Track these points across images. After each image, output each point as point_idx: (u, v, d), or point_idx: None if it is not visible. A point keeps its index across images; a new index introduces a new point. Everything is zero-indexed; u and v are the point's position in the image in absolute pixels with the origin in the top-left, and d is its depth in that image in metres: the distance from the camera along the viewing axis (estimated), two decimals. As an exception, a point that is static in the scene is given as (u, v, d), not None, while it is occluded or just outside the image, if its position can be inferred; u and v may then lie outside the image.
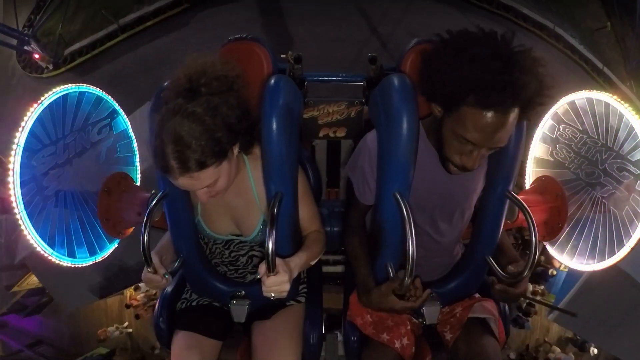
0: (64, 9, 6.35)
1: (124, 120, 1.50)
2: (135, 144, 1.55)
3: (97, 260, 1.38)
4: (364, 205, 1.30)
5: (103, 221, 1.32)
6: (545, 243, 1.45)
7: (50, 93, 1.22)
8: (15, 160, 1.13)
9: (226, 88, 1.07)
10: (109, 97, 1.43)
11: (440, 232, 1.29)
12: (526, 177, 1.55)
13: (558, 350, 6.18)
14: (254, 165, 1.20)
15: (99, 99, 1.40)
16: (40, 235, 1.20)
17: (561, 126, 1.44)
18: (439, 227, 1.28)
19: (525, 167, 1.54)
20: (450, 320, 1.31)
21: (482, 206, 1.26)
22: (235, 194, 1.22)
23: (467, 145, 1.03)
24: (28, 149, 1.16)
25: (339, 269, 1.93)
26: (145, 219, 1.11)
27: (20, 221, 1.15)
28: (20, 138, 1.14)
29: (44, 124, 1.21)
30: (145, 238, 1.08)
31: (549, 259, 5.88)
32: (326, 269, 1.84)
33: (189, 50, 1.07)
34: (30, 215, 1.17)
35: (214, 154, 1.01)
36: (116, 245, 1.44)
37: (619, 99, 1.26)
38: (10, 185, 1.13)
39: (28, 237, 1.18)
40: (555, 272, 5.89)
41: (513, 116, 0.99)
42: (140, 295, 6.28)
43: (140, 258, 1.07)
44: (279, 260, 1.04)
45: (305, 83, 1.47)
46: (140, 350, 6.54)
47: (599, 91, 1.32)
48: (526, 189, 1.50)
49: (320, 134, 1.56)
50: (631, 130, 1.23)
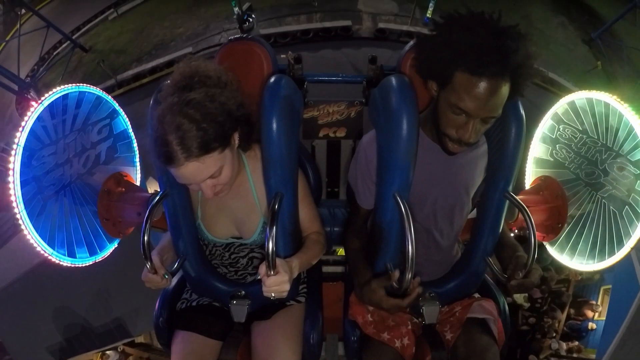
0: (66, 63, 6.60)
1: (124, 120, 1.50)
2: (135, 144, 1.55)
3: (97, 260, 1.38)
4: (365, 210, 1.31)
5: (103, 221, 1.32)
6: (545, 243, 1.45)
7: (50, 93, 1.22)
8: (15, 160, 1.13)
9: (220, 86, 1.08)
10: (109, 97, 1.43)
11: (440, 229, 1.29)
12: (526, 177, 1.55)
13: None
14: (254, 167, 1.21)
15: (99, 99, 1.40)
16: (40, 235, 1.20)
17: (561, 126, 1.44)
18: (439, 223, 1.28)
19: (525, 167, 1.54)
20: (450, 320, 1.31)
21: (482, 206, 1.26)
22: (235, 197, 1.22)
23: (461, 116, 1.05)
24: (28, 149, 1.16)
25: (339, 269, 1.93)
26: (145, 219, 1.11)
27: (20, 221, 1.15)
28: (21, 138, 1.14)
29: (44, 124, 1.21)
30: (145, 238, 1.08)
31: (581, 311, 5.37)
32: (326, 269, 1.84)
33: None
34: (30, 215, 1.17)
35: (217, 137, 1.01)
36: (116, 245, 1.44)
37: (618, 99, 1.26)
38: (10, 185, 1.13)
39: (28, 237, 1.18)
40: (594, 326, 5.17)
41: (504, 84, 1.00)
42: None
43: (105, 320, 1.06)
44: (279, 260, 1.04)
45: (305, 83, 1.47)
46: None
47: (598, 91, 1.32)
48: (526, 189, 1.50)
49: (320, 134, 1.56)
50: (631, 130, 1.23)
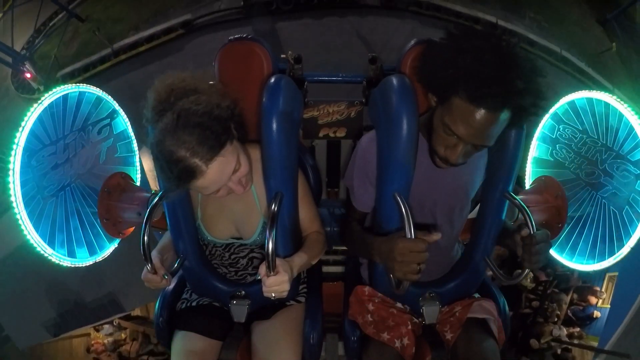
0: (62, 33, 6.47)
1: (124, 121, 1.50)
2: (135, 144, 1.55)
3: (97, 260, 1.38)
4: (360, 212, 1.30)
5: (103, 221, 1.32)
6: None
7: (50, 93, 1.22)
8: (15, 160, 1.13)
9: (198, 91, 1.05)
10: (109, 98, 1.43)
11: (440, 230, 1.29)
12: (526, 177, 1.55)
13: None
14: (254, 168, 1.20)
15: (99, 99, 1.40)
16: (41, 235, 1.20)
17: (561, 126, 1.44)
18: (438, 224, 1.28)
19: (525, 167, 1.54)
20: (450, 320, 1.31)
21: (482, 206, 1.26)
22: (235, 197, 1.21)
23: (453, 137, 1.03)
24: (28, 149, 1.16)
25: (339, 269, 1.93)
26: (145, 219, 1.11)
27: (20, 221, 1.15)
28: (21, 138, 1.14)
29: (44, 124, 1.21)
30: (145, 238, 1.08)
31: (585, 297, 5.27)
32: (326, 269, 1.84)
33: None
34: (30, 215, 1.17)
35: (222, 130, 1.01)
36: (116, 245, 1.44)
37: (619, 99, 1.26)
38: (10, 185, 1.13)
39: (28, 237, 1.18)
40: (599, 314, 5.06)
41: (503, 118, 0.96)
42: (107, 340, 5.56)
43: (97, 295, 1.06)
44: (279, 260, 1.04)
45: (305, 83, 1.47)
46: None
47: (598, 91, 1.32)
48: (526, 189, 1.50)
49: (320, 134, 1.56)
50: (631, 130, 1.23)
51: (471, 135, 0.99)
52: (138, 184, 1.51)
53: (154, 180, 1.38)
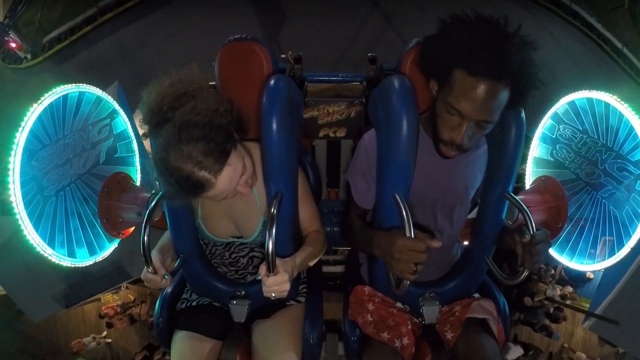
0: None
1: (124, 121, 1.50)
2: (134, 144, 1.55)
3: (97, 260, 1.38)
4: (362, 208, 1.30)
5: (103, 221, 1.32)
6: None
7: (50, 93, 1.22)
8: (15, 160, 1.13)
9: (191, 97, 1.03)
10: (109, 97, 1.43)
11: (440, 229, 1.29)
12: (526, 177, 1.55)
13: (584, 356, 5.29)
14: (255, 167, 1.20)
15: (99, 99, 1.40)
16: (41, 235, 1.20)
17: (561, 126, 1.44)
18: (439, 224, 1.28)
19: (525, 167, 1.54)
20: (450, 320, 1.31)
21: (482, 206, 1.26)
22: (235, 196, 1.21)
23: (456, 117, 1.03)
24: (28, 149, 1.16)
25: (339, 269, 1.93)
26: (145, 219, 1.11)
27: (20, 221, 1.15)
28: (20, 138, 1.14)
29: (44, 124, 1.21)
30: (145, 238, 1.08)
31: None
32: (326, 269, 1.84)
33: (170, 31, 1.02)
34: (30, 215, 1.17)
35: (227, 139, 1.00)
36: (116, 245, 1.44)
37: (619, 99, 1.26)
38: (10, 185, 1.13)
39: (28, 237, 1.18)
40: (592, 275, 4.99)
41: (502, 89, 0.99)
42: (117, 303, 5.63)
43: (103, 264, 1.05)
44: (279, 260, 1.04)
45: (305, 83, 1.47)
46: (121, 361, 5.91)
47: (598, 91, 1.32)
48: (526, 189, 1.50)
49: (320, 134, 1.56)
50: (631, 130, 1.23)
51: (474, 110, 1.00)
52: (138, 184, 1.51)
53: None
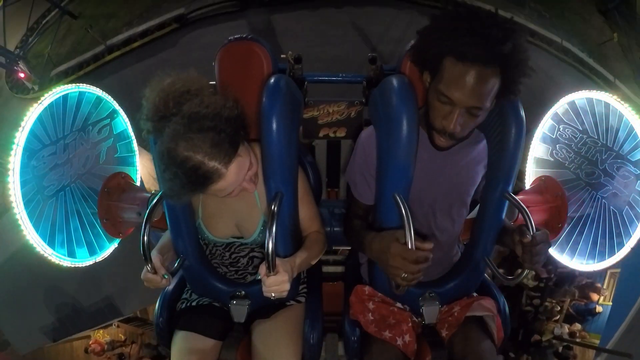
0: (55, 31, 6.38)
1: (124, 121, 1.50)
2: (135, 144, 1.55)
3: (97, 260, 1.38)
4: (363, 204, 1.30)
5: (103, 221, 1.32)
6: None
7: (50, 93, 1.22)
8: (15, 160, 1.13)
9: (195, 94, 1.03)
10: (109, 97, 1.43)
11: (440, 227, 1.29)
12: (526, 177, 1.55)
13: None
14: None
15: (99, 99, 1.40)
16: (41, 235, 1.20)
17: (561, 126, 1.44)
18: (438, 221, 1.28)
19: (525, 167, 1.54)
20: (449, 319, 1.31)
21: (482, 206, 1.26)
22: (235, 196, 1.21)
23: (447, 105, 1.04)
24: (28, 149, 1.16)
25: (339, 269, 1.93)
26: (145, 219, 1.11)
27: (20, 221, 1.15)
28: (20, 138, 1.14)
29: (44, 124, 1.21)
30: (145, 238, 1.08)
31: (587, 293, 5.09)
32: (326, 269, 1.84)
33: (174, 70, 1.06)
34: (30, 215, 1.17)
35: (235, 131, 1.01)
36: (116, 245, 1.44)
37: (618, 99, 1.26)
38: (10, 185, 1.13)
39: (28, 237, 1.18)
40: (600, 309, 4.91)
41: (492, 75, 0.99)
42: (105, 339, 5.44)
43: (95, 299, 1.04)
44: (279, 260, 1.04)
45: (305, 83, 1.47)
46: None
47: (598, 91, 1.32)
48: (526, 189, 1.50)
49: (320, 134, 1.56)
50: (631, 130, 1.23)
51: (465, 97, 1.00)
52: (138, 184, 1.51)
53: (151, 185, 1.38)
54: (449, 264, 1.39)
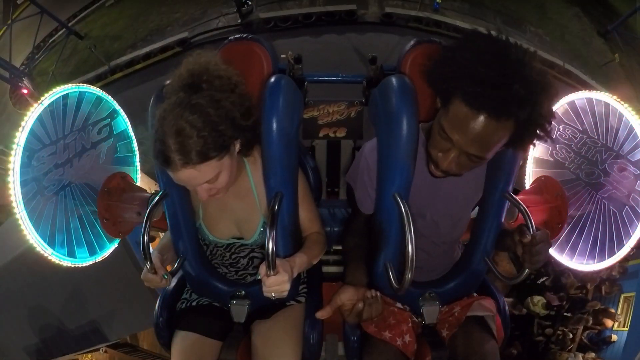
0: (61, 50, 6.52)
1: (124, 121, 1.50)
2: (135, 144, 1.55)
3: (97, 260, 1.38)
4: (364, 215, 1.30)
5: (103, 221, 1.32)
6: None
7: (50, 93, 1.22)
8: (15, 160, 1.13)
9: (228, 89, 1.06)
10: (109, 97, 1.43)
11: (442, 237, 1.29)
12: (526, 177, 1.55)
13: None
14: (254, 167, 1.20)
15: (99, 99, 1.40)
16: (41, 235, 1.20)
17: (561, 126, 1.44)
18: (440, 232, 1.28)
19: (525, 167, 1.54)
20: (449, 320, 1.31)
21: (482, 206, 1.26)
22: (235, 197, 1.22)
23: (447, 142, 1.00)
24: (28, 149, 1.16)
25: (339, 269, 1.92)
26: (145, 219, 1.11)
27: (20, 221, 1.15)
28: (20, 138, 1.14)
29: (44, 124, 1.21)
30: (145, 238, 1.07)
31: (600, 320, 4.85)
32: (326, 269, 1.84)
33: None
34: (30, 215, 1.17)
35: (216, 147, 1.00)
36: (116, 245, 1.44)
37: (618, 99, 1.26)
38: (10, 185, 1.13)
39: (28, 237, 1.18)
40: (616, 337, 4.58)
41: (502, 129, 0.91)
42: None
43: (79, 323, 1.04)
44: (279, 260, 1.04)
45: (305, 83, 1.47)
46: None
47: (598, 91, 1.32)
48: (526, 189, 1.50)
49: (320, 134, 1.56)
50: (631, 130, 1.23)
51: (465, 142, 0.95)
52: (138, 184, 1.51)
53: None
54: (449, 264, 1.39)
